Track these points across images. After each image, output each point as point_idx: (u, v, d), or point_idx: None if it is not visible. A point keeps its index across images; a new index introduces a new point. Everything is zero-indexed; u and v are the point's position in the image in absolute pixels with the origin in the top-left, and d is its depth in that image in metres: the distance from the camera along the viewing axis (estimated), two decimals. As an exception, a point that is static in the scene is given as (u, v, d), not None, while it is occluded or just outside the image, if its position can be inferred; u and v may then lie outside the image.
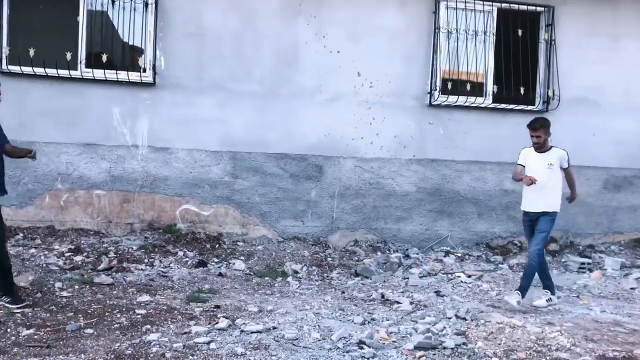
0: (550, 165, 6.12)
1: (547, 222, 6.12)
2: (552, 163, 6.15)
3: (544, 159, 6.19)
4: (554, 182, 6.14)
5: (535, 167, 6.18)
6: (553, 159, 6.17)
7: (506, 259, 8.23)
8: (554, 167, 6.13)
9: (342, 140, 8.29)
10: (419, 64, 8.47)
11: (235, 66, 8.03)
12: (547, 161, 6.16)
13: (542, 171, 6.13)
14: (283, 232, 8.20)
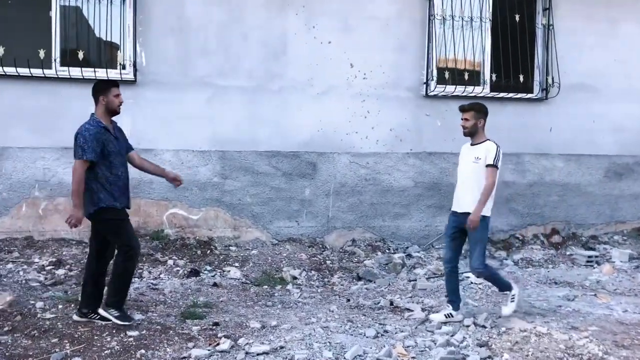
0: (477, 160, 5.21)
1: (477, 230, 5.11)
2: (479, 157, 5.21)
3: (472, 151, 5.32)
4: (481, 180, 5.16)
5: (463, 161, 5.40)
6: (481, 153, 5.23)
7: (510, 254, 7.81)
8: (480, 162, 5.19)
9: (335, 135, 7.78)
10: (414, 53, 7.97)
11: (221, 60, 7.45)
12: (474, 154, 5.28)
13: (467, 165, 5.31)
14: (277, 234, 7.68)
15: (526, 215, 8.39)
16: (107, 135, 4.89)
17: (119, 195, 4.92)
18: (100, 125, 4.88)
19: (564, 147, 8.43)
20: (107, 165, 4.86)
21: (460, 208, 5.28)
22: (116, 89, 5.02)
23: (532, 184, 8.38)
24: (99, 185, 4.86)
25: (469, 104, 5.39)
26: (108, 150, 4.85)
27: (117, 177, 4.91)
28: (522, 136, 8.30)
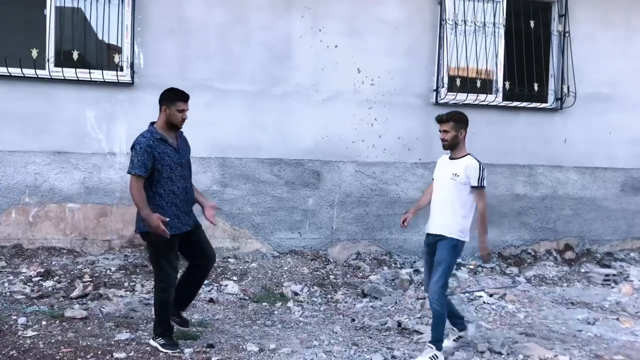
0: (455, 176, 4.56)
1: (445, 250, 4.54)
2: (457, 173, 4.56)
3: (450, 166, 4.67)
4: (455, 199, 4.55)
5: (440, 176, 4.73)
6: (460, 169, 4.57)
7: (522, 271, 7.38)
8: (458, 179, 4.54)
9: (341, 143, 7.38)
10: (424, 59, 7.58)
11: (222, 63, 7.07)
12: (452, 170, 4.62)
13: (443, 181, 4.65)
14: (278, 246, 7.27)
15: (538, 230, 7.97)
16: (163, 147, 4.41)
17: (173, 217, 4.41)
18: (155, 136, 4.42)
19: (578, 159, 8.02)
20: (161, 180, 4.41)
21: (433, 229, 4.70)
22: (182, 104, 4.52)
23: (545, 197, 7.96)
24: (152, 204, 4.38)
25: (447, 114, 4.73)
26: (162, 164, 4.38)
27: (173, 194, 4.43)
28: (536, 147, 7.89)
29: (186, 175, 4.56)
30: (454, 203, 4.56)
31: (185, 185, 4.51)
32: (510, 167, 7.83)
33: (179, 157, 4.48)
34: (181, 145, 4.60)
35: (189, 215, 4.57)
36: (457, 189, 4.55)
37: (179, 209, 4.46)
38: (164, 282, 4.51)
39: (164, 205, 4.42)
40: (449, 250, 4.56)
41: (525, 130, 7.85)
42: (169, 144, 4.46)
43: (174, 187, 4.43)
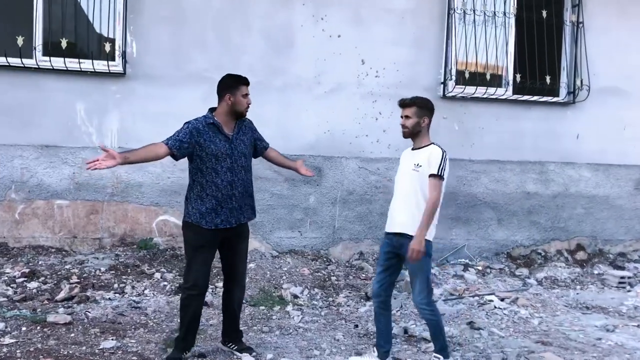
0: (417, 167, 4.09)
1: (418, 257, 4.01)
2: (420, 164, 4.09)
3: (412, 157, 4.21)
4: (419, 192, 4.07)
5: (402, 169, 4.27)
6: (422, 159, 4.10)
7: (532, 272, 6.98)
8: (421, 169, 4.06)
9: (344, 138, 6.98)
10: (431, 51, 7.17)
11: (220, 53, 6.66)
12: (414, 160, 4.16)
13: (405, 174, 4.20)
14: (278, 245, 6.88)
15: (549, 229, 7.57)
16: (212, 135, 4.05)
17: (210, 211, 4.05)
18: (208, 120, 4.09)
19: (591, 155, 7.61)
20: (204, 170, 4.05)
21: (394, 227, 4.20)
22: (246, 88, 4.19)
23: (556, 195, 7.56)
24: (193, 193, 4.11)
25: (410, 98, 4.26)
26: (207, 152, 4.02)
27: (216, 186, 4.05)
28: (547, 143, 7.49)
29: (237, 168, 4.12)
30: (417, 197, 4.07)
31: (233, 179, 4.08)
32: (521, 163, 7.43)
33: (230, 148, 4.08)
34: (239, 135, 4.20)
35: (233, 214, 4.13)
36: (420, 181, 4.07)
37: (220, 204, 4.06)
38: (187, 283, 4.15)
39: (204, 196, 4.07)
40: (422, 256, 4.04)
41: (536, 126, 7.45)
42: (222, 132, 4.08)
43: (217, 180, 4.04)
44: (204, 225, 4.07)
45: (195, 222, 4.08)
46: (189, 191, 4.15)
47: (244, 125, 4.31)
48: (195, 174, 4.09)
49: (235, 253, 4.27)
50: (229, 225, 4.15)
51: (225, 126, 4.14)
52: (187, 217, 4.12)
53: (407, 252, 4.04)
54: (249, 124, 4.38)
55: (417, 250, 3.99)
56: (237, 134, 4.21)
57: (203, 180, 4.08)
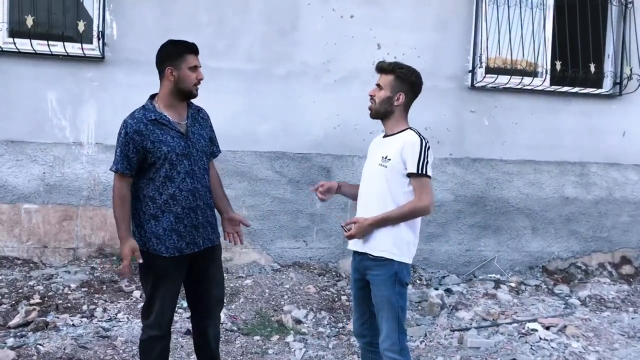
0: (385, 161, 3.02)
1: (384, 286, 2.99)
2: (388, 156, 3.01)
3: (382, 147, 3.12)
4: (387, 196, 3.00)
5: (368, 164, 3.21)
6: (393, 150, 3.02)
7: (574, 290, 5.90)
8: (389, 165, 3.00)
9: (356, 134, 5.92)
10: (458, 34, 6.10)
11: (214, 36, 5.65)
12: (382, 152, 3.07)
13: (371, 171, 3.12)
14: (279, 257, 5.85)
15: (590, 240, 6.47)
16: (160, 133, 3.04)
17: (170, 232, 3.05)
18: (149, 116, 3.06)
19: (639, 156, 6.51)
20: (156, 180, 3.06)
21: (355, 244, 3.11)
22: (194, 58, 3.14)
23: (599, 201, 6.46)
24: (144, 212, 3.08)
25: (390, 63, 3.19)
26: (158, 157, 3.03)
27: (173, 199, 3.05)
28: (589, 141, 6.39)
29: (198, 171, 3.12)
30: (385, 203, 2.98)
31: (195, 185, 3.10)
32: (559, 164, 6.34)
33: (187, 146, 3.09)
34: (193, 127, 3.17)
35: (200, 232, 3.12)
36: (389, 181, 2.98)
37: (182, 221, 3.07)
38: (147, 320, 3.14)
39: (159, 214, 3.05)
40: (389, 284, 2.97)
41: (577, 121, 6.36)
42: (171, 126, 3.07)
43: (174, 190, 3.05)
44: (165, 252, 3.05)
45: (153, 251, 3.07)
46: (138, 211, 3.11)
47: (200, 116, 3.27)
48: (144, 187, 3.07)
49: (209, 281, 3.24)
50: (197, 249, 3.13)
51: (173, 114, 3.11)
52: (141, 244, 3.10)
53: (373, 279, 3.02)
54: (206, 116, 3.34)
55: (355, 233, 3.02)
56: (193, 126, 3.18)
57: (156, 194, 3.06)
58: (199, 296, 3.24)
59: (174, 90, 3.10)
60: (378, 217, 3.00)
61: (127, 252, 3.01)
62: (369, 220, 3.01)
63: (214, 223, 3.21)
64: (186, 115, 3.17)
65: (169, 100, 3.12)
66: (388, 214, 2.99)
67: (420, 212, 3.01)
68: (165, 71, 3.10)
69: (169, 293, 3.11)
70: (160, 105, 3.11)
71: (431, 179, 3.02)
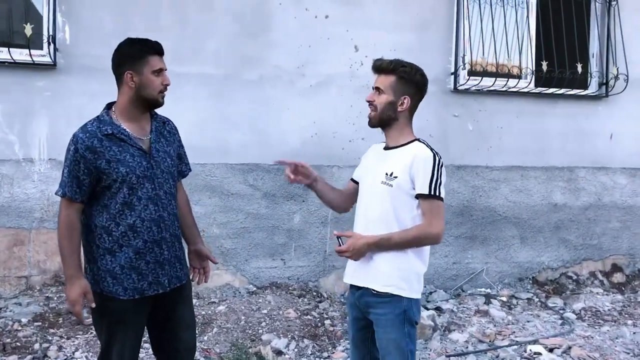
0: (390, 178, 2.56)
1: (391, 328, 2.55)
2: (394, 174, 2.56)
3: (384, 161, 2.64)
4: (392, 220, 2.56)
5: (366, 180, 2.71)
6: (399, 165, 2.57)
7: (568, 303, 5.53)
8: (396, 183, 2.55)
9: (335, 142, 5.47)
10: (439, 34, 5.70)
11: (178, 39, 5.11)
12: (385, 168, 2.60)
13: (371, 189, 2.64)
14: (255, 278, 5.33)
15: (580, 248, 6.12)
16: (117, 150, 2.53)
17: (129, 270, 2.54)
18: (104, 129, 2.54)
19: (627, 159, 6.18)
20: (112, 206, 2.53)
21: (354, 277, 2.66)
22: (157, 60, 2.64)
23: (588, 207, 6.12)
24: (97, 246, 2.56)
25: (391, 61, 2.64)
26: (115, 178, 2.51)
27: (133, 230, 2.53)
28: (576, 145, 6.05)
29: (163, 196, 2.61)
30: (390, 228, 2.53)
31: (160, 214, 2.58)
32: (547, 170, 5.98)
33: (150, 166, 2.58)
34: (158, 143, 2.66)
35: (165, 269, 2.60)
36: (394, 203, 2.54)
37: (143, 257, 2.56)
38: None
39: (116, 248, 2.53)
40: (397, 325, 2.53)
41: (563, 124, 6.01)
42: (131, 142, 2.57)
43: (134, 220, 2.53)
44: (122, 294, 2.54)
45: (108, 292, 2.54)
46: (89, 244, 2.58)
47: (166, 129, 2.76)
48: (97, 215, 2.55)
49: (177, 324, 2.72)
50: (161, 290, 2.61)
51: (133, 128, 2.60)
52: (93, 285, 2.57)
53: (378, 319, 2.57)
54: (173, 129, 2.83)
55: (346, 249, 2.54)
56: (157, 142, 2.67)
57: (111, 224, 2.54)
58: (166, 342, 2.72)
59: (135, 99, 2.59)
60: (377, 237, 2.54)
61: (77, 296, 2.48)
62: (366, 239, 2.56)
63: (182, 258, 2.71)
64: (149, 129, 2.66)
65: (128, 110, 2.60)
66: (389, 236, 2.54)
67: (428, 240, 2.56)
68: (123, 76, 2.59)
69: (129, 340, 2.58)
70: (118, 117, 2.60)
71: (443, 201, 2.56)
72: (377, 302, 2.56)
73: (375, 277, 2.56)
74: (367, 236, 2.56)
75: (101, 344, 2.64)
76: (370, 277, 2.58)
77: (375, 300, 2.56)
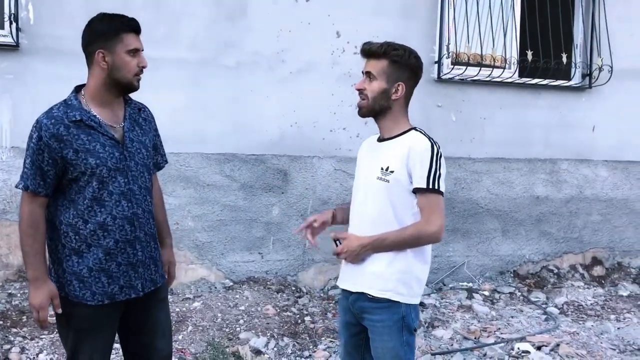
0: (386, 173, 2.34)
1: (389, 337, 2.35)
2: (391, 168, 2.34)
3: (378, 154, 2.43)
4: (390, 218, 2.34)
5: (361, 175, 2.50)
6: (395, 158, 2.34)
7: (550, 297, 5.42)
8: (392, 178, 2.33)
9: (315, 132, 5.24)
10: (422, 21, 5.49)
11: (151, 22, 4.77)
12: (381, 162, 2.38)
13: (367, 186, 2.42)
14: (232, 272, 5.09)
15: (561, 241, 6.02)
16: (85, 138, 2.24)
17: (98, 273, 2.26)
18: (71, 115, 2.25)
19: (609, 151, 6.08)
20: (80, 201, 2.25)
21: (348, 282, 2.45)
22: (133, 38, 2.34)
23: (570, 200, 6.01)
24: (63, 245, 2.28)
25: (381, 44, 2.42)
26: (84, 171, 2.23)
27: (103, 228, 2.26)
28: (558, 137, 5.92)
29: (137, 191, 2.34)
30: (388, 226, 2.32)
31: (133, 210, 2.31)
32: (529, 162, 5.85)
33: (123, 157, 2.31)
34: (132, 132, 2.39)
35: (138, 272, 2.34)
36: (392, 200, 2.32)
37: (114, 259, 2.30)
38: None
39: (83, 248, 2.27)
40: (395, 333, 2.32)
41: (546, 115, 5.87)
42: (102, 130, 2.29)
43: (105, 217, 2.26)
44: (90, 299, 2.28)
45: (74, 297, 2.28)
46: (54, 243, 2.31)
47: (142, 116, 2.50)
48: (63, 211, 2.28)
49: (151, 331, 2.47)
50: (134, 294, 2.36)
51: (105, 114, 2.33)
52: (58, 288, 2.30)
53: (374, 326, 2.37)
54: (150, 117, 2.57)
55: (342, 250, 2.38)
56: (132, 130, 2.41)
57: (79, 222, 2.27)
58: (139, 350, 2.47)
59: (108, 82, 2.31)
60: (372, 238, 2.33)
61: (43, 301, 2.23)
62: (360, 240, 2.36)
63: (157, 259, 2.45)
64: (123, 116, 2.38)
65: (100, 94, 2.33)
66: (384, 236, 2.33)
67: (427, 239, 2.35)
68: (94, 55, 2.30)
69: (97, 351, 2.33)
70: (88, 102, 2.32)
71: (443, 196, 2.35)
72: (373, 308, 2.36)
73: (372, 281, 2.35)
74: (361, 237, 2.36)
75: (67, 352, 2.38)
76: (366, 281, 2.37)
77: (371, 305, 2.36)
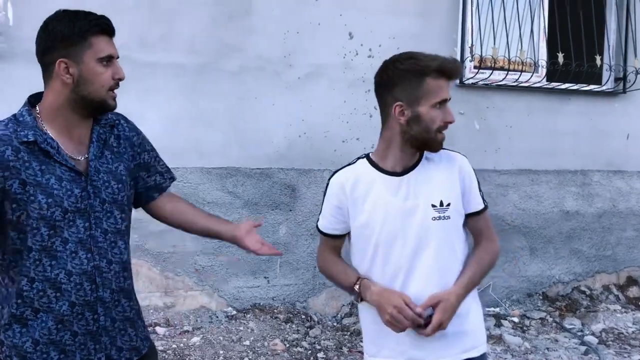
0: (444, 210, 1.87)
1: None
2: (446, 201, 1.89)
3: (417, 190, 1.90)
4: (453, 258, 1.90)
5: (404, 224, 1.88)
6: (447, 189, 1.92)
7: (586, 323, 4.83)
8: (452, 211, 1.88)
9: (326, 142, 4.67)
10: (443, 22, 4.93)
11: (145, 23, 4.25)
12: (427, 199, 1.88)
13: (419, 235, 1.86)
14: (235, 299, 4.51)
15: (593, 259, 5.43)
16: (37, 166, 1.67)
17: (44, 348, 1.68)
18: (23, 134, 1.69)
19: (644, 161, 5.52)
20: (25, 251, 1.67)
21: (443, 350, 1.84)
22: (105, 42, 1.74)
23: (602, 214, 5.42)
24: (1, 310, 1.72)
25: None
26: (29, 209, 1.65)
27: (54, 287, 1.68)
28: (590, 146, 5.35)
29: (100, 238, 1.75)
30: (454, 269, 1.88)
31: (95, 263, 1.73)
32: (558, 173, 5.27)
33: (85, 195, 1.73)
34: (100, 159, 1.80)
35: (100, 342, 1.76)
36: (452, 236, 1.88)
37: (69, 327, 1.72)
38: None
39: (28, 316, 1.70)
40: None
41: (577, 122, 5.30)
42: (59, 158, 1.71)
43: (57, 272, 1.69)
44: None
45: None
46: None
47: (113, 134, 1.88)
48: (7, 263, 1.70)
49: None
50: None
51: (65, 138, 1.74)
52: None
53: None
54: (127, 132, 1.94)
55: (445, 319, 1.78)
56: (99, 157, 1.80)
57: (23, 280, 1.68)
58: None
59: (72, 99, 1.72)
60: (462, 284, 1.85)
61: None
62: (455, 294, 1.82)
63: (134, 320, 1.87)
64: (89, 139, 1.80)
65: (61, 116, 1.73)
66: (471, 276, 1.88)
67: (496, 260, 2.00)
68: (54, 66, 1.70)
69: None
70: (45, 122, 1.73)
71: None
72: None
73: (471, 340, 1.87)
74: (452, 291, 1.83)
75: None
76: (464, 341, 1.83)
77: None
